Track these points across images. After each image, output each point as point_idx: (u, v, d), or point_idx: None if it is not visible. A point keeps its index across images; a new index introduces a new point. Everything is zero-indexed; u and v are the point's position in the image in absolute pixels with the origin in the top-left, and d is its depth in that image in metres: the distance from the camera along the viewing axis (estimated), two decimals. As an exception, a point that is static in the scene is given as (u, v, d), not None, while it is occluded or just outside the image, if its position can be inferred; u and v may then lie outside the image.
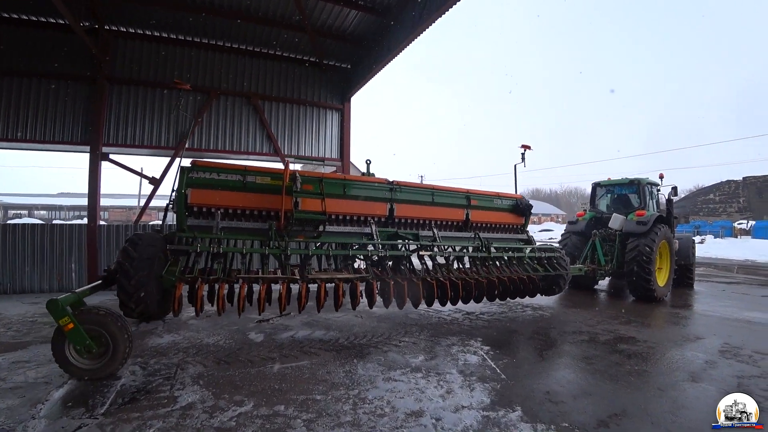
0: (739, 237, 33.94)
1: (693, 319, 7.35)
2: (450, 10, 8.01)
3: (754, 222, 36.13)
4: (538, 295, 7.37)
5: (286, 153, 11.19)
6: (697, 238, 21.65)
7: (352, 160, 13.35)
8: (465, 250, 6.53)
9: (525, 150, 7.97)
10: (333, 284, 5.23)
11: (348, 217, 5.99)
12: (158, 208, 45.99)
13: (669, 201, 10.29)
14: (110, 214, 46.09)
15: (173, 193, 5.21)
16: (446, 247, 6.37)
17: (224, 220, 5.29)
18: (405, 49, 9.39)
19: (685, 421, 3.38)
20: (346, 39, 10.85)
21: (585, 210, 10.69)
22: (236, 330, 5.91)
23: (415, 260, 6.06)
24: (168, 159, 10.54)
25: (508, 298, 6.92)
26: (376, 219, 6.10)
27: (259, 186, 5.38)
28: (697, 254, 11.97)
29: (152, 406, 3.44)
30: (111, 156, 10.08)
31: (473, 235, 6.85)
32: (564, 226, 11.69)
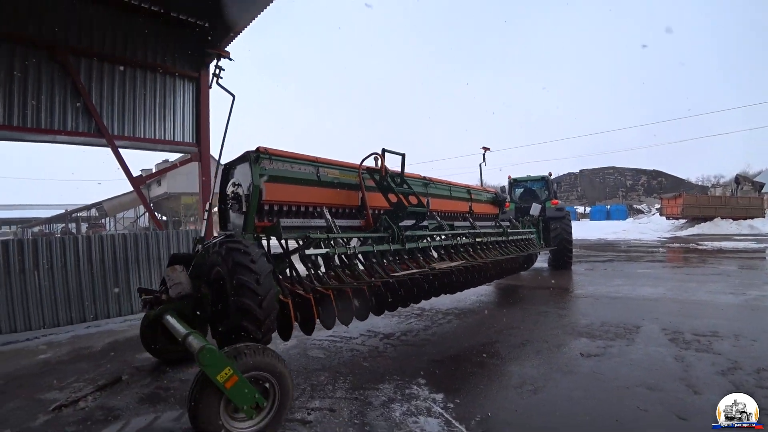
0: (580, 220, 39.79)
1: (609, 304, 7.06)
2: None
3: (590, 207, 42.65)
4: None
5: (116, 134, 7.97)
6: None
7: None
8: (491, 236, 7.30)
9: (485, 151, 9.22)
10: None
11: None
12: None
13: (555, 192, 12.87)
14: None
15: (224, 190, 4.40)
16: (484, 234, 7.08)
17: (289, 218, 4.51)
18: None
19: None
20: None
21: (508, 201, 11.84)
22: None
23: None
24: None
25: (504, 277, 8.28)
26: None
27: (340, 182, 4.93)
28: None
29: None
30: None
31: (495, 223, 8.06)
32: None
